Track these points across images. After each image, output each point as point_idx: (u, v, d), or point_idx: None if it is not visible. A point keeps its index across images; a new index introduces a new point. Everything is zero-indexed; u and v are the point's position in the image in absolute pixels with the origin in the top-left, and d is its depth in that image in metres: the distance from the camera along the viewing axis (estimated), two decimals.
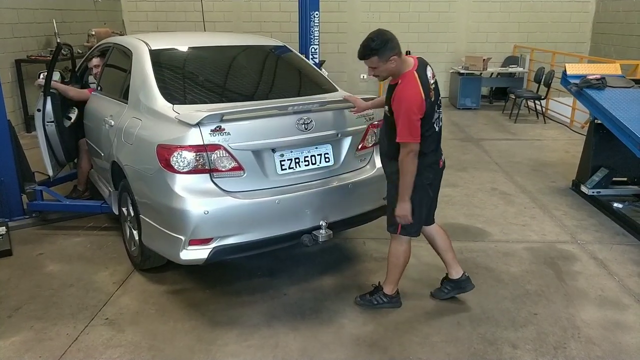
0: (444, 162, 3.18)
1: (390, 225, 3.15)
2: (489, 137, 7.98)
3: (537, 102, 9.17)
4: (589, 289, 3.57)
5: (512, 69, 10.32)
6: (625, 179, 5.30)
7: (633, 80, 5.38)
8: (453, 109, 10.21)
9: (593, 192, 5.15)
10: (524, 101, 9.35)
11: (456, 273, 3.36)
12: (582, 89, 5.17)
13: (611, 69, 5.60)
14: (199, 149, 3.00)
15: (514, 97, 9.41)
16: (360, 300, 3.34)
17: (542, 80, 8.81)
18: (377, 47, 2.80)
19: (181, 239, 3.03)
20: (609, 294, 3.52)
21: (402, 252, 3.18)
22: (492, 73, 10.43)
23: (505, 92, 10.20)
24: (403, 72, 2.87)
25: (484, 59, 9.89)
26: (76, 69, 5.40)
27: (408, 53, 12.50)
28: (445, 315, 3.26)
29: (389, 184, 3.16)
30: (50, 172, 4.75)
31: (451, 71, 10.60)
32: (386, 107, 3.00)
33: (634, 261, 3.97)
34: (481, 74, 9.98)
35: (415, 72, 2.86)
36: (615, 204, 4.90)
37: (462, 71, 10.04)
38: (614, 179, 5.21)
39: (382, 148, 3.21)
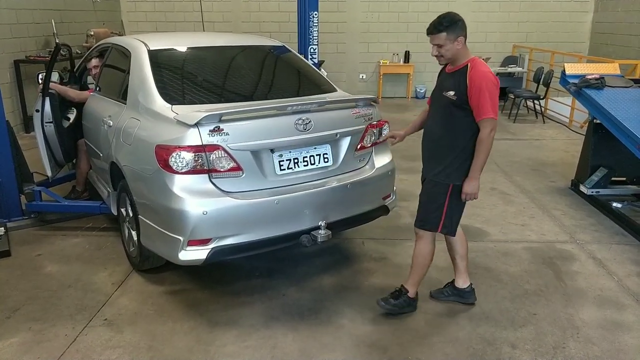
0: None
1: (428, 223, 3.11)
2: None
3: (536, 101, 9.18)
4: (588, 289, 3.57)
5: (511, 68, 10.33)
6: (624, 178, 5.31)
7: (632, 79, 5.39)
8: None
9: (592, 192, 5.15)
10: (523, 101, 9.35)
11: (463, 283, 3.35)
12: (581, 88, 5.17)
13: (610, 68, 5.60)
14: (197, 149, 2.99)
15: (513, 96, 9.41)
16: (385, 304, 3.22)
17: (541, 80, 8.82)
18: (448, 23, 2.90)
19: (180, 240, 3.03)
20: (607, 293, 3.52)
21: (429, 252, 3.18)
22: None
23: (504, 92, 10.17)
24: (469, 58, 2.95)
25: (483, 59, 9.86)
26: (75, 70, 5.39)
27: (407, 53, 12.33)
28: (444, 315, 3.26)
29: (430, 184, 3.11)
30: (49, 173, 4.75)
31: None
32: (450, 93, 2.95)
33: (632, 261, 3.97)
34: None
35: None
36: (614, 204, 4.91)
37: None
38: (612, 178, 5.21)
39: (431, 146, 3.11)
